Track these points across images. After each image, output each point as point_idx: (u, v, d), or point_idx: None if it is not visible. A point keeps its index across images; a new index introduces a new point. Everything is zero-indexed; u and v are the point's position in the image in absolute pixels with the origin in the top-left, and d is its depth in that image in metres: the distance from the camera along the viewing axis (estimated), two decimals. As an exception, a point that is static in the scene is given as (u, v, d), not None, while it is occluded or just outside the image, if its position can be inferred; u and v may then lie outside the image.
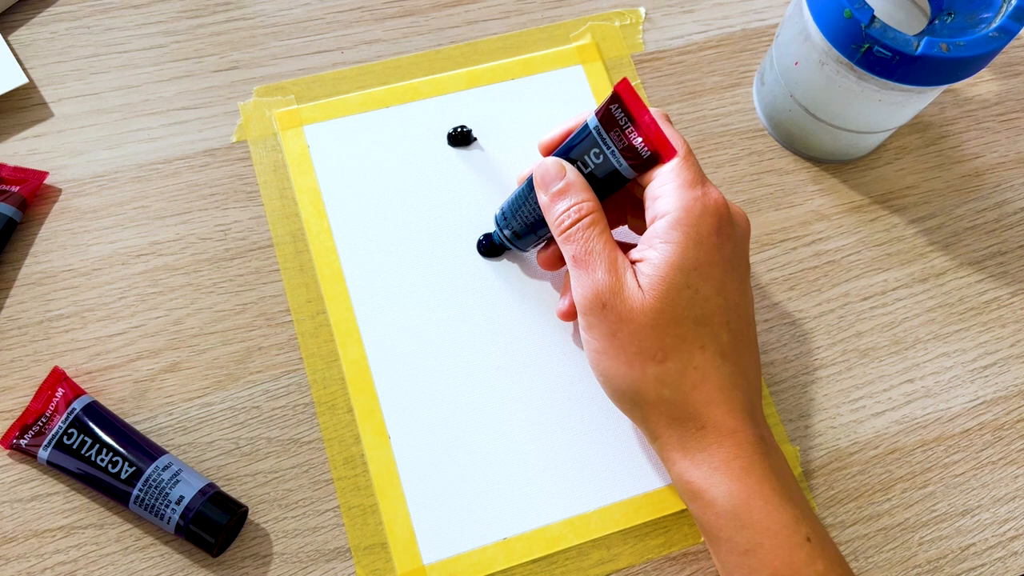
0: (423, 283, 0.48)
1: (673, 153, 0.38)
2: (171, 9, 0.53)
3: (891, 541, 0.45)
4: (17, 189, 0.47)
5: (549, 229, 0.42)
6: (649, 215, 0.39)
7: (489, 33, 0.54)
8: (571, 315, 0.44)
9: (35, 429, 0.42)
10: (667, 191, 0.38)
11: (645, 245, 0.38)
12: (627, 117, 0.38)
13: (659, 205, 0.38)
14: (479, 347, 0.47)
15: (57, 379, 0.44)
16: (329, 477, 0.44)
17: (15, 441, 0.42)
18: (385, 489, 0.44)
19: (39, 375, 0.45)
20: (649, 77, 0.54)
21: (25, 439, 0.42)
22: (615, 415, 0.46)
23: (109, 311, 0.46)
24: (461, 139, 0.51)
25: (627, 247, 0.40)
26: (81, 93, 0.51)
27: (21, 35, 0.52)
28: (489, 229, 0.49)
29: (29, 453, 0.42)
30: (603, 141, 0.39)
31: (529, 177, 0.42)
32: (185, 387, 0.45)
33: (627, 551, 0.44)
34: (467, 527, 0.43)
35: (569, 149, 0.41)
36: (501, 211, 0.45)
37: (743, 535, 0.36)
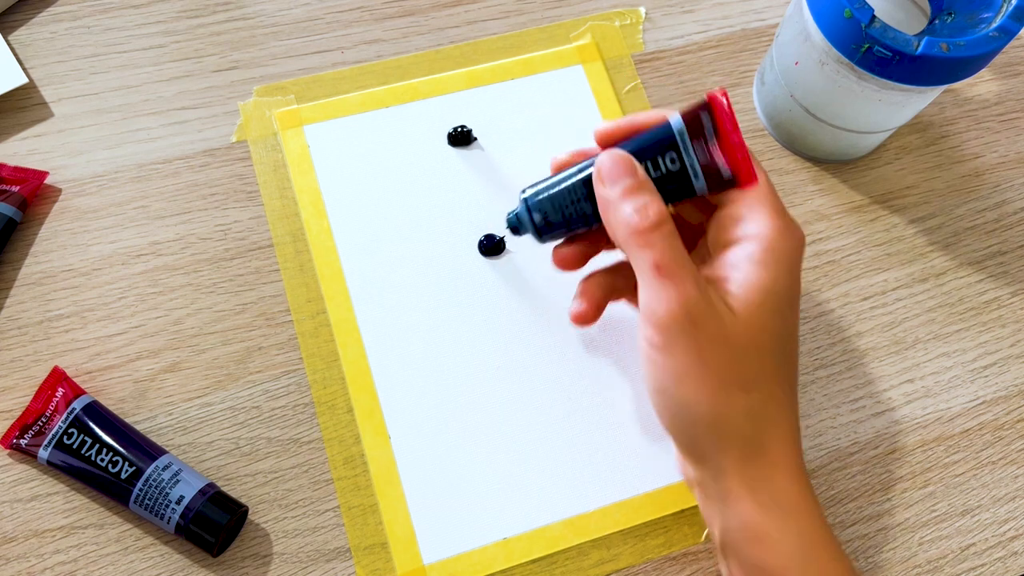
0: (423, 283, 0.48)
1: (752, 181, 0.36)
2: (171, 9, 0.53)
3: (891, 541, 0.45)
4: (17, 189, 0.47)
5: (585, 226, 0.39)
6: (726, 235, 0.36)
7: (489, 33, 0.54)
8: (588, 319, 0.41)
9: (35, 429, 0.42)
10: (758, 215, 0.35)
11: (727, 266, 0.36)
12: (715, 130, 0.35)
13: (747, 228, 0.35)
14: (479, 347, 0.47)
15: (57, 379, 0.44)
16: (329, 477, 0.44)
17: (15, 441, 0.42)
18: (385, 489, 0.44)
19: (39, 375, 0.45)
20: (649, 77, 0.54)
21: (25, 439, 0.42)
22: (615, 415, 0.46)
23: (109, 311, 0.46)
24: (461, 139, 0.51)
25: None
26: (81, 93, 0.51)
27: (21, 35, 0.52)
28: (489, 229, 0.49)
29: (29, 453, 0.42)
30: (684, 148, 0.36)
31: (582, 165, 0.38)
32: (185, 387, 0.45)
33: (627, 551, 0.44)
34: (467, 527, 0.43)
35: (639, 147, 0.37)
36: (536, 192, 0.39)
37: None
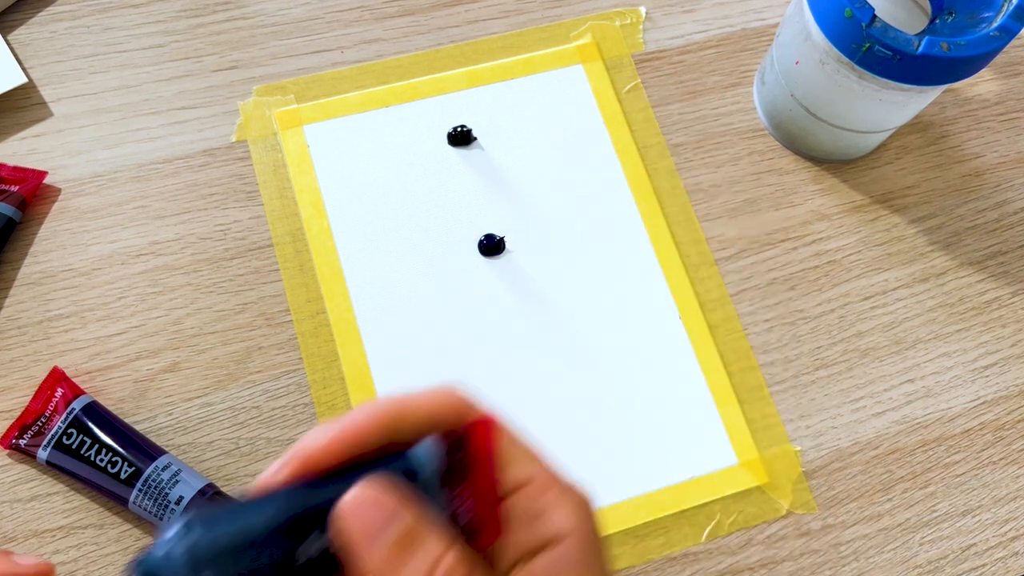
0: (423, 283, 0.48)
1: (497, 536, 0.26)
2: (170, 9, 0.53)
3: (892, 541, 0.45)
4: (16, 189, 0.47)
5: None
6: (527, 534, 0.26)
7: (489, 33, 0.54)
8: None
9: (35, 429, 0.42)
10: (555, 503, 0.27)
11: None
12: (467, 470, 0.25)
13: (552, 522, 0.26)
14: (479, 347, 0.47)
15: (56, 379, 0.44)
16: (329, 477, 0.44)
17: (15, 441, 0.42)
18: (385, 489, 0.43)
19: (39, 375, 0.44)
20: (649, 77, 0.54)
21: (25, 439, 0.42)
22: (615, 415, 0.46)
23: (109, 311, 0.46)
24: (461, 139, 0.51)
25: None
26: (80, 93, 0.51)
27: (20, 35, 0.52)
28: (489, 229, 0.49)
29: (29, 453, 0.42)
30: (426, 488, 0.25)
31: (295, 498, 0.23)
32: (185, 387, 0.45)
33: (627, 551, 0.43)
34: (467, 527, 0.43)
35: (370, 469, 0.24)
36: (202, 538, 0.22)
37: None
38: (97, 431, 0.42)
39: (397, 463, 0.25)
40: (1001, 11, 0.43)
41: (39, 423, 0.42)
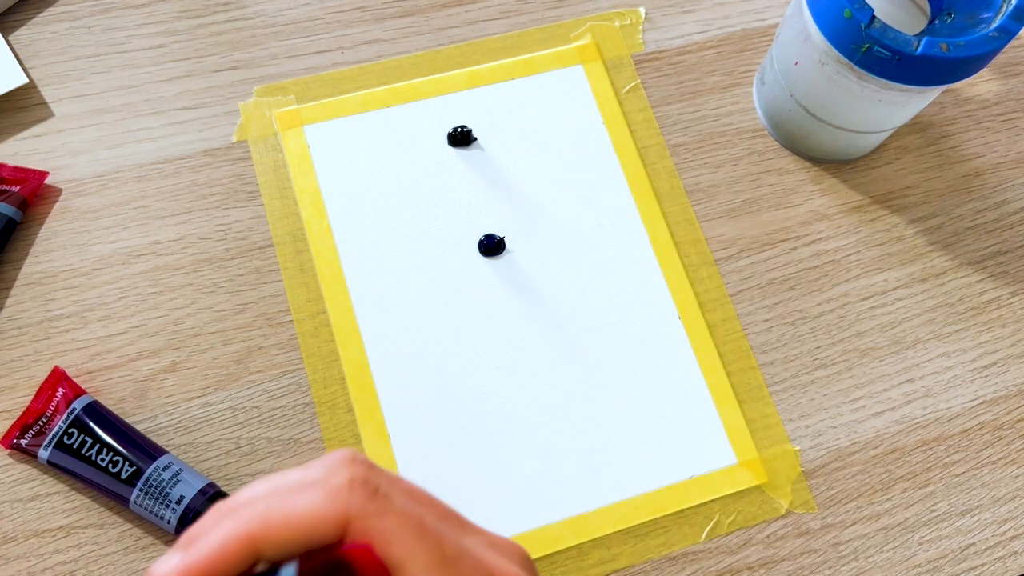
0: (423, 283, 0.48)
1: None
2: (171, 9, 0.53)
3: (891, 541, 0.45)
4: (17, 189, 0.47)
5: None
6: None
7: (489, 33, 0.54)
8: None
9: (35, 429, 0.42)
10: None
11: None
12: None
13: None
14: (479, 347, 0.47)
15: (57, 379, 0.44)
16: (329, 477, 0.44)
17: (15, 441, 0.42)
18: (385, 489, 0.44)
19: (39, 375, 0.45)
20: (649, 77, 0.54)
21: (25, 439, 0.42)
22: (614, 415, 0.46)
23: (109, 311, 0.46)
24: (461, 139, 0.51)
25: None
26: (81, 93, 0.51)
27: (21, 35, 0.52)
28: (489, 229, 0.49)
29: (29, 453, 0.42)
30: None
31: None
32: (185, 387, 0.45)
33: (627, 551, 0.44)
34: (467, 527, 0.43)
35: None
36: None
37: None
38: (98, 431, 0.42)
39: None
40: (1000, 12, 0.43)
41: (40, 423, 0.42)
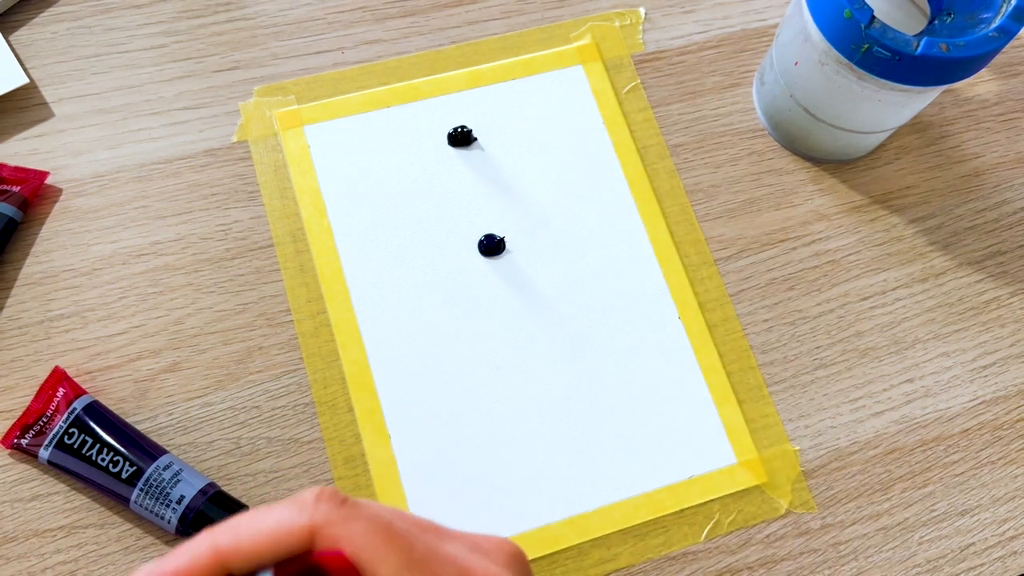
0: (423, 283, 0.48)
1: None
2: (172, 9, 0.53)
3: (891, 540, 0.45)
4: (18, 189, 0.47)
5: None
6: None
7: (489, 33, 0.54)
8: None
9: (36, 429, 0.42)
10: None
11: None
12: None
13: None
14: (479, 347, 0.47)
15: (58, 379, 0.44)
16: (330, 477, 0.44)
17: (16, 441, 0.42)
18: (385, 489, 0.44)
19: (40, 375, 0.45)
20: (649, 77, 0.54)
21: (26, 439, 0.42)
22: (615, 415, 0.46)
23: (110, 311, 0.46)
24: (461, 139, 0.51)
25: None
26: (82, 93, 0.51)
27: (22, 35, 0.52)
28: (489, 229, 0.49)
29: (30, 453, 0.42)
30: None
31: None
32: (185, 387, 0.45)
33: (627, 550, 0.44)
34: (467, 527, 0.43)
35: None
36: None
37: None
38: (98, 431, 0.42)
39: None
40: (1000, 12, 0.43)
41: (40, 423, 0.43)
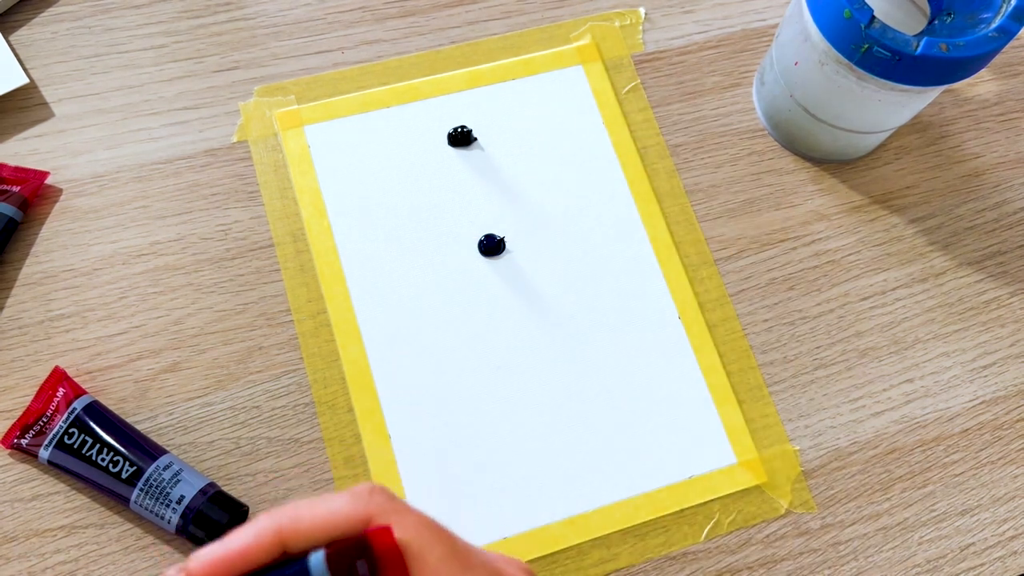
0: (423, 283, 0.48)
1: None
2: (172, 9, 0.53)
3: (891, 540, 0.45)
4: (18, 189, 0.47)
5: None
6: None
7: (489, 33, 0.54)
8: None
9: (36, 429, 0.42)
10: None
11: None
12: None
13: None
14: (479, 347, 0.47)
15: (58, 379, 0.44)
16: (330, 477, 0.44)
17: (16, 441, 0.42)
18: (385, 489, 0.44)
19: (40, 375, 0.45)
20: (649, 77, 0.54)
21: (26, 439, 0.42)
22: (614, 415, 0.46)
23: (110, 311, 0.46)
24: (461, 139, 0.51)
25: None
26: (82, 93, 0.51)
27: (22, 35, 0.52)
28: (489, 229, 0.49)
29: (30, 453, 0.42)
30: None
31: None
32: (186, 387, 0.45)
33: (627, 550, 0.44)
34: (467, 526, 0.43)
35: None
36: None
37: None
38: (98, 431, 0.42)
39: (293, 569, 0.25)
40: (1000, 12, 0.43)
41: (40, 423, 0.43)
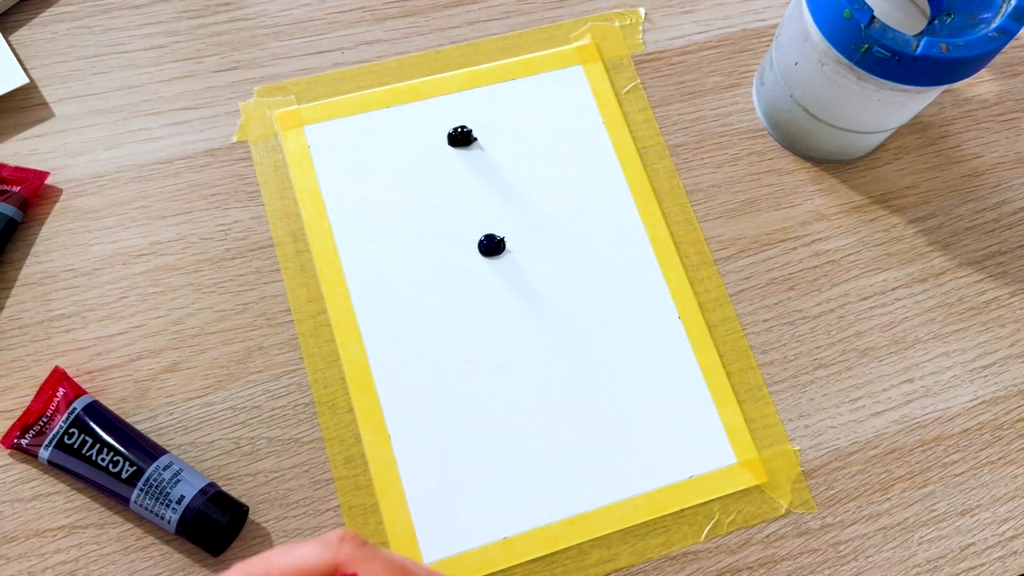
0: (423, 283, 0.48)
1: None
2: (172, 9, 0.53)
3: (891, 540, 0.45)
4: (18, 189, 0.47)
5: None
6: None
7: (489, 33, 0.54)
8: None
9: (36, 429, 0.42)
10: None
11: None
12: None
13: None
14: (479, 347, 0.47)
15: (58, 379, 0.44)
16: (330, 477, 0.44)
17: (16, 441, 0.42)
18: (385, 488, 0.44)
19: (40, 375, 0.45)
20: (649, 77, 0.54)
21: (26, 439, 0.42)
22: (614, 415, 0.46)
23: (110, 311, 0.46)
24: (461, 139, 0.51)
25: None
26: (82, 93, 0.51)
27: (22, 35, 0.52)
28: (489, 229, 0.49)
29: (30, 453, 0.42)
30: None
31: None
32: (186, 387, 0.45)
33: (627, 550, 0.44)
34: (467, 526, 0.43)
35: None
36: None
37: None
38: (98, 431, 0.42)
39: None
40: (1000, 12, 0.43)
41: (40, 423, 0.43)
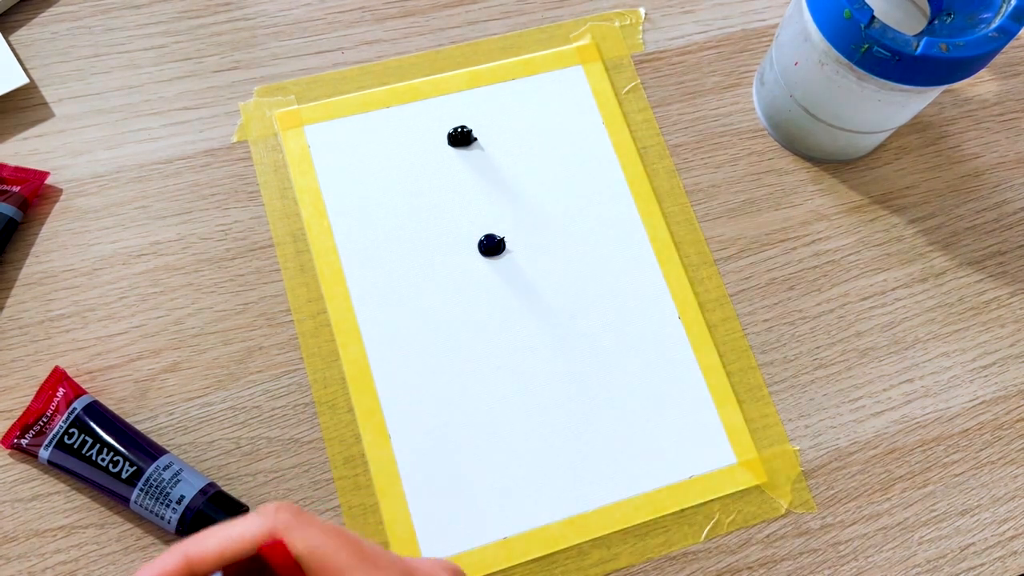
0: (423, 283, 0.48)
1: None
2: (172, 9, 0.53)
3: (891, 540, 0.45)
4: (18, 189, 0.47)
5: None
6: None
7: (489, 33, 0.54)
8: None
9: (36, 429, 0.42)
10: None
11: None
12: None
13: None
14: (479, 347, 0.47)
15: (58, 379, 0.44)
16: (330, 477, 0.44)
17: (16, 441, 0.42)
18: (385, 488, 0.44)
19: (40, 375, 0.45)
20: (649, 77, 0.54)
21: (26, 439, 0.42)
22: (614, 415, 0.46)
23: (110, 311, 0.46)
24: (461, 139, 0.51)
25: None
26: (82, 93, 0.51)
27: (22, 35, 0.52)
28: (489, 229, 0.49)
29: (30, 453, 0.42)
30: None
31: None
32: (186, 387, 0.45)
33: (627, 550, 0.44)
34: (467, 526, 0.43)
35: None
36: None
37: None
38: (98, 431, 0.42)
39: None
40: (1000, 12, 0.43)
41: (40, 423, 0.43)
